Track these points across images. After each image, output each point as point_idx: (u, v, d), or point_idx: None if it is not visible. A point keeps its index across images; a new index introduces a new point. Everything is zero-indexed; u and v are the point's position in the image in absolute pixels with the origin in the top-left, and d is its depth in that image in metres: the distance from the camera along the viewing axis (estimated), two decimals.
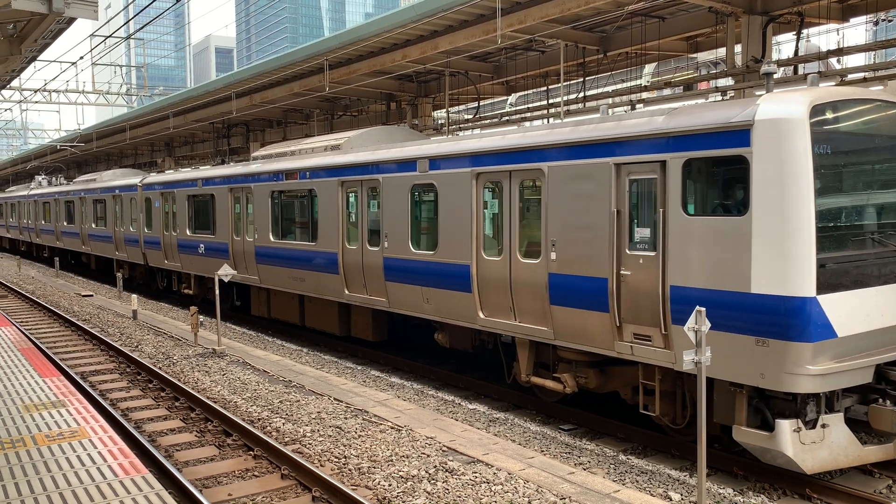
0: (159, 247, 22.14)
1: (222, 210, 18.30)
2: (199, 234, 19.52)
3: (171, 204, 21.43)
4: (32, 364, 10.75)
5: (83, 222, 29.91)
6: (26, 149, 61.54)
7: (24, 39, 14.04)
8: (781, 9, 12.85)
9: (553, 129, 9.99)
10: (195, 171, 20.50)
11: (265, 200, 16.51)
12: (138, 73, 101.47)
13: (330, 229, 14.34)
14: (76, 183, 32.39)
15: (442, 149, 11.73)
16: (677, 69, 21.20)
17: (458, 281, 11.22)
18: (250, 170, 17.17)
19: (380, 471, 8.03)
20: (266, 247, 16.45)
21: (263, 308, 17.63)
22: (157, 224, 22.28)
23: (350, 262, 13.82)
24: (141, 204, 23.61)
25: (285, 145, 17.27)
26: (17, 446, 7.06)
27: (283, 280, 15.96)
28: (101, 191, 27.66)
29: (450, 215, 11.43)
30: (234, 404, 10.93)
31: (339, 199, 14.12)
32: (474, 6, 13.95)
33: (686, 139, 8.08)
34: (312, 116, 27.09)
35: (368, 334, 14.27)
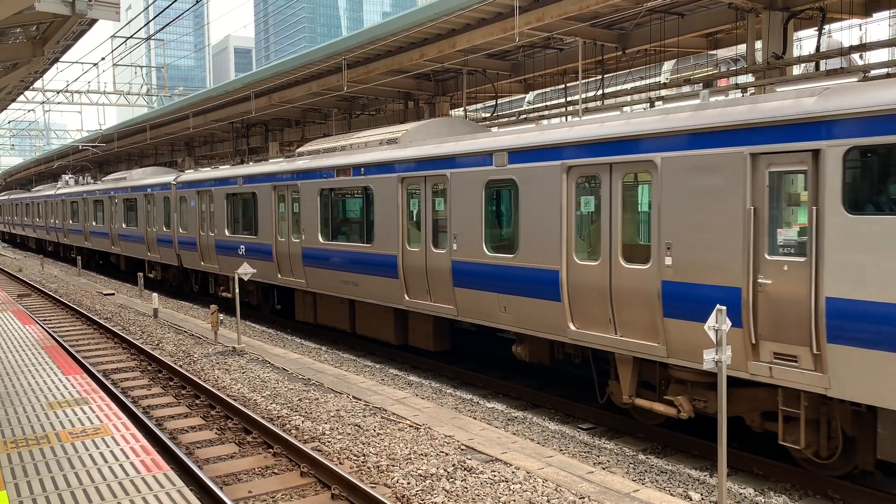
0: (195, 248, 21.18)
1: (265, 209, 17.29)
2: (240, 235, 18.57)
3: (207, 203, 20.50)
4: (56, 362, 10.89)
5: (113, 222, 29.06)
6: (49, 149, 62.29)
7: (46, 41, 14.22)
8: (803, 4, 12.71)
9: (666, 114, 8.91)
10: (235, 169, 19.40)
11: (314, 199, 15.47)
12: (158, 73, 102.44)
13: (388, 230, 13.33)
14: (105, 182, 31.55)
15: (524, 140, 10.57)
16: (697, 66, 21.03)
17: (544, 288, 10.07)
18: (297, 166, 16.10)
19: (398, 469, 8.05)
20: (314, 248, 15.42)
21: (309, 313, 16.61)
22: (192, 224, 21.32)
23: (411, 266, 12.80)
24: (175, 203, 22.62)
25: (333, 140, 16.24)
26: (41, 443, 7.16)
27: (332, 284, 14.98)
28: (131, 189, 26.72)
29: (533, 214, 10.27)
30: (253, 402, 11.01)
31: (399, 196, 13.06)
32: (492, 4, 13.93)
33: (849, 124, 6.88)
34: (330, 116, 27.20)
35: (429, 344, 13.20)
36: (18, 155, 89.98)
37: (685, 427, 9.57)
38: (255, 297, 19.20)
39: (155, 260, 24.87)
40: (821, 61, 13.55)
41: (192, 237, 21.44)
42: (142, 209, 25.53)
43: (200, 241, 20.93)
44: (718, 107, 8.24)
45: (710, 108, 8.32)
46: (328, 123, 27.92)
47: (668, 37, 14.96)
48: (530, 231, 10.34)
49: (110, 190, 29.41)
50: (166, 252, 23.60)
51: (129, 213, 27.30)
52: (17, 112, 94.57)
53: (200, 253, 20.93)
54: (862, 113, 6.77)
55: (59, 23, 13.18)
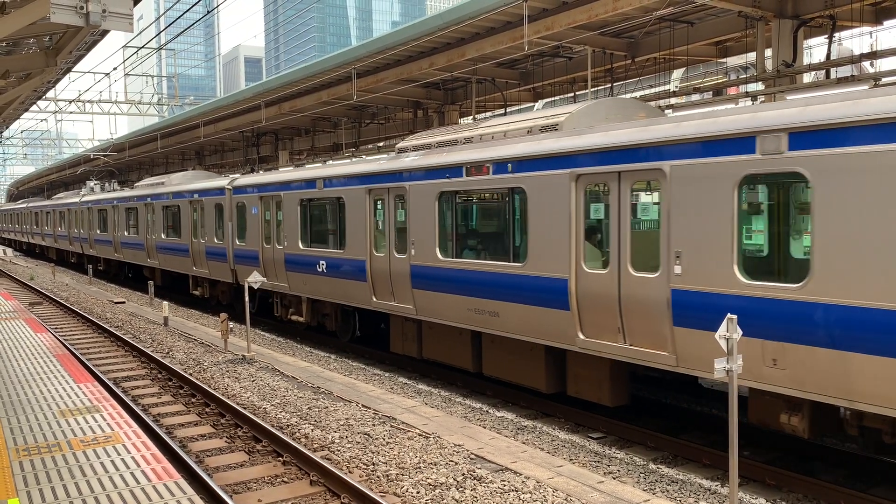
0: (256, 262, 18.25)
1: (356, 218, 14.27)
2: (319, 249, 15.58)
3: (274, 210, 17.48)
4: (67, 370, 10.94)
5: (149, 232, 25.92)
6: (61, 158, 62.71)
7: (59, 51, 14.38)
8: (813, 12, 12.70)
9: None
10: (313, 169, 16.61)
11: (429, 205, 12.32)
12: (169, 83, 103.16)
13: (551, 245, 10.08)
14: (139, 187, 28.63)
15: (824, 114, 7.10)
16: (706, 74, 21.01)
17: (855, 334, 6.83)
18: (403, 165, 13.04)
19: (408, 478, 8.04)
20: (431, 267, 12.36)
21: (411, 345, 13.66)
22: (253, 235, 18.33)
23: (592, 294, 9.53)
24: (230, 210, 19.58)
25: (449, 131, 13.18)
26: (53, 451, 7.19)
27: (453, 311, 11.95)
28: (173, 196, 23.58)
29: (846, 223, 6.92)
30: (263, 410, 11.03)
31: (572, 200, 9.75)
32: (501, 13, 14.00)
33: None
34: (340, 124, 27.31)
35: (602, 396, 10.03)
36: (31, 164, 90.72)
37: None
38: (332, 320, 16.35)
39: (202, 275, 21.76)
40: (831, 69, 13.52)
41: (252, 250, 18.47)
42: (186, 218, 22.45)
43: (264, 254, 17.89)
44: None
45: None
46: (338, 132, 28.03)
47: (677, 45, 14.97)
48: (838, 249, 6.98)
49: (146, 196, 26.22)
50: (217, 267, 20.59)
51: (170, 222, 24.24)
52: (29, 122, 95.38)
53: (264, 269, 17.97)
54: None
55: (72, 33, 13.33)
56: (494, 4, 13.64)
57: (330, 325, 16.48)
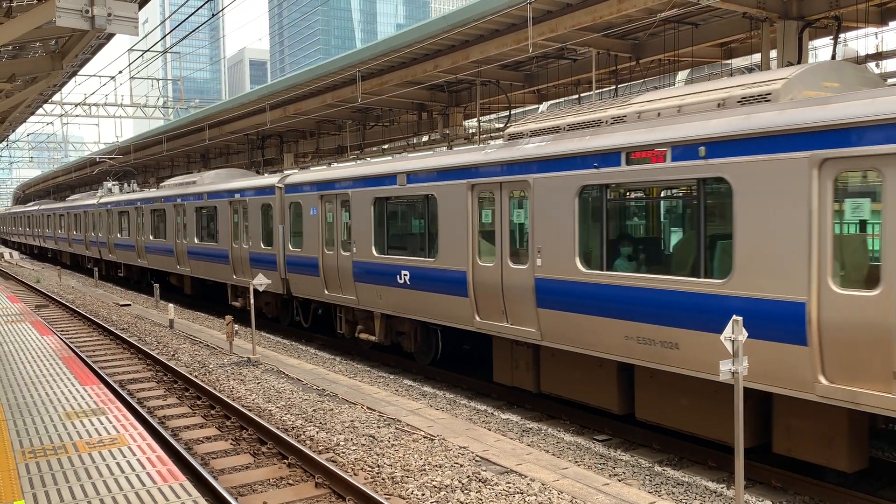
0: (315, 271, 15.90)
1: (453, 219, 11.98)
2: (401, 256, 13.32)
3: (339, 211, 15.18)
4: (73, 372, 10.97)
5: (180, 236, 23.54)
6: (67, 161, 62.96)
7: (65, 55, 14.44)
8: (818, 13, 12.67)
9: None
10: (391, 163, 14.17)
11: (565, 202, 9.83)
12: (175, 86, 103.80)
13: (775, 255, 7.51)
14: (166, 187, 26.05)
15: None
16: (711, 75, 20.98)
17: None
18: (525, 153, 10.55)
19: (413, 480, 8.04)
20: (567, 282, 9.83)
21: (524, 375, 11.26)
22: (311, 239, 16.08)
23: (846, 324, 6.96)
24: (282, 211, 17.32)
25: (581, 111, 10.45)
26: (59, 453, 7.21)
27: (597, 338, 9.49)
28: (208, 195, 21.14)
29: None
30: (268, 412, 11.04)
31: (813, 196, 7.18)
32: (505, 15, 13.99)
33: None
34: (345, 127, 27.35)
35: (834, 456, 7.62)
36: (37, 167, 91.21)
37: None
38: (410, 340, 13.99)
39: (245, 284, 19.11)
40: None
41: (309, 257, 16.12)
42: (225, 220, 20.09)
43: (325, 262, 15.62)
44: None
45: None
46: (342, 135, 28.08)
47: (681, 46, 14.96)
48: None
49: (175, 197, 23.78)
50: (265, 276, 17.87)
51: (204, 225, 21.85)
52: (35, 125, 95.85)
53: (324, 279, 15.53)
54: None
55: (78, 37, 13.38)
56: (499, 7, 13.65)
57: (407, 346, 14.11)
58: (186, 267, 23.24)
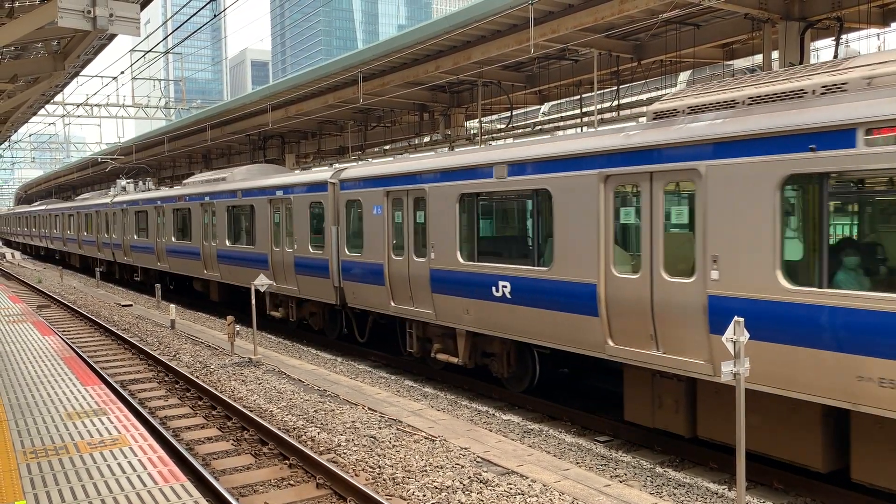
0: (380, 279, 13.82)
1: (576, 219, 9.68)
2: (497, 264, 11.12)
3: (411, 209, 13.11)
4: (74, 372, 10.98)
5: (207, 238, 21.59)
6: (69, 161, 62.99)
7: (67, 55, 14.46)
8: (819, 14, 12.67)
9: None
10: (485, 152, 11.72)
11: (759, 198, 7.63)
12: (176, 86, 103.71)
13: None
14: (191, 184, 24.06)
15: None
16: (713, 76, 20.98)
17: None
18: (692, 135, 8.28)
19: (414, 481, 8.03)
20: (761, 301, 7.62)
21: (669, 415, 9.11)
22: (374, 243, 14.03)
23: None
24: (335, 210, 15.34)
25: (791, 77, 7.98)
26: (60, 453, 7.21)
27: (826, 379, 7.12)
28: (243, 193, 19.25)
29: None
30: (269, 413, 11.04)
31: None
32: (507, 16, 14.00)
33: None
34: (346, 128, 27.37)
35: None
36: (39, 168, 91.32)
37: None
38: (502, 363, 11.81)
39: (288, 293, 17.25)
40: None
41: (372, 263, 14.10)
42: (264, 221, 18.18)
43: (392, 269, 13.54)
44: None
45: None
46: (344, 135, 28.09)
47: (683, 47, 14.96)
48: None
49: (203, 195, 21.80)
50: (313, 284, 16.14)
51: (237, 226, 19.95)
52: (37, 125, 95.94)
53: (391, 288, 13.58)
54: None
55: (80, 38, 13.40)
56: (500, 7, 13.66)
57: (497, 369, 11.92)
58: (215, 272, 21.17)
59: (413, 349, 13.68)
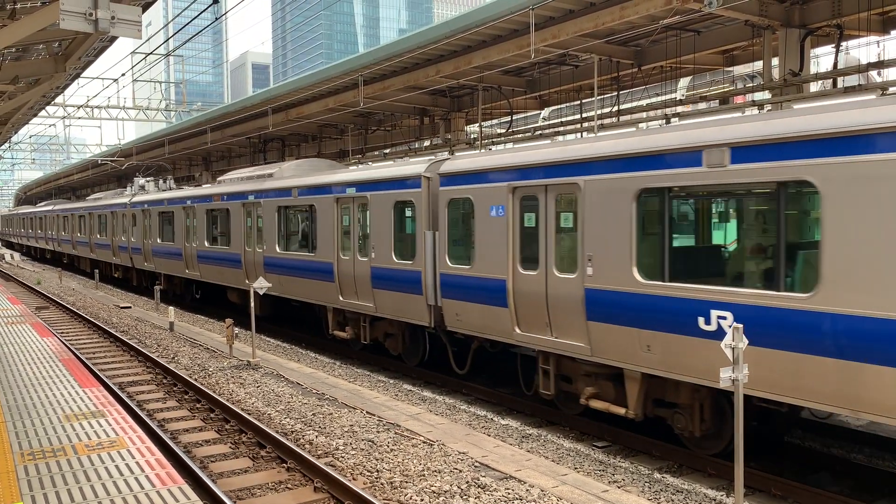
0: (500, 299, 11.12)
1: (860, 225, 6.99)
2: (701, 286, 8.33)
3: (551, 210, 10.30)
4: (73, 374, 10.97)
5: (252, 243, 18.97)
6: (69, 163, 62.99)
7: (68, 57, 14.48)
8: (820, 21, 12.70)
9: None
10: (683, 131, 8.72)
11: None
12: (177, 88, 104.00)
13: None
14: (226, 182, 21.41)
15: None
16: (713, 82, 21.01)
17: None
18: None
19: (412, 485, 8.02)
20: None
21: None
22: (491, 252, 11.34)
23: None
24: (432, 212, 12.91)
25: None
26: (57, 455, 7.20)
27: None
28: (300, 192, 16.75)
29: None
30: (267, 416, 11.03)
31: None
32: (508, 21, 14.03)
33: None
34: (347, 131, 27.39)
35: None
36: (39, 169, 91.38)
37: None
38: (691, 417, 8.99)
39: (361, 310, 14.65)
40: (838, 78, 13.50)
41: (487, 278, 11.41)
42: (327, 223, 15.62)
43: (519, 286, 10.83)
44: None
45: None
46: (344, 139, 28.12)
47: (683, 53, 14.98)
48: None
49: (246, 194, 19.25)
50: (395, 301, 13.62)
51: (292, 228, 17.61)
52: (38, 127, 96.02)
53: (515, 311, 10.88)
54: None
55: (81, 39, 13.42)
56: (501, 13, 13.69)
57: (682, 424, 9.07)
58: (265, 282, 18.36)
59: (547, 390, 10.77)
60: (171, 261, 24.55)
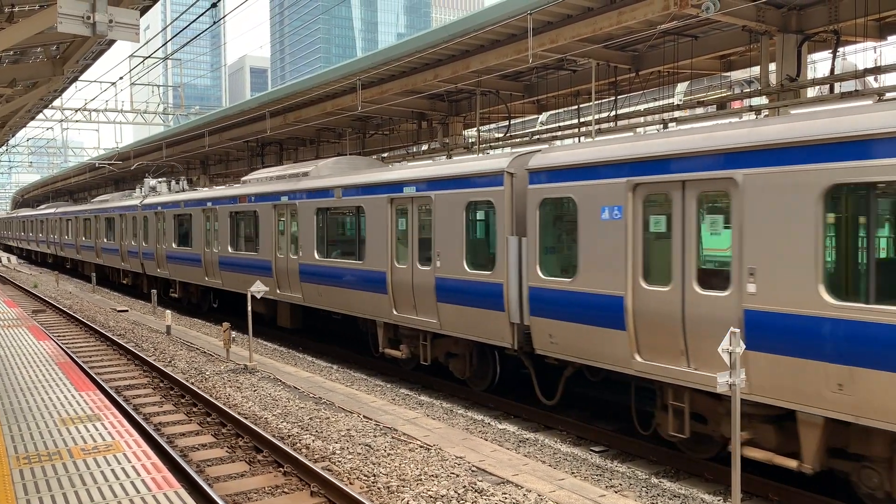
0: (614, 319, 9.27)
1: None
2: None
3: (692, 213, 8.41)
4: (69, 378, 10.94)
5: (283, 249, 17.11)
6: (66, 166, 62.87)
7: (66, 60, 14.47)
8: (817, 27, 12.74)
9: None
10: None
11: None
12: (175, 92, 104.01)
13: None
14: (255, 183, 19.19)
15: None
16: (710, 88, 21.06)
17: None
18: None
19: (409, 490, 8.01)
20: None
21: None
22: (598, 262, 9.50)
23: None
24: (516, 214, 11.06)
25: None
26: (53, 459, 7.17)
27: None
28: (343, 192, 14.90)
29: None
30: (264, 420, 11.00)
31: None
32: (505, 26, 14.05)
33: None
34: (344, 135, 27.40)
35: None
36: (36, 172, 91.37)
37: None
38: (894, 477, 7.16)
39: (422, 326, 12.85)
40: (835, 84, 13.53)
41: (596, 293, 9.52)
42: (378, 227, 13.81)
43: (643, 305, 8.91)
44: None
45: None
46: (342, 143, 28.13)
47: (681, 59, 15.02)
48: None
49: (277, 195, 17.36)
50: (467, 317, 11.78)
51: (332, 234, 15.80)
52: (35, 130, 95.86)
53: (635, 335, 9.01)
54: None
55: (79, 43, 13.41)
56: (499, 17, 13.71)
57: (880, 483, 7.28)
58: (297, 293, 16.75)
59: (679, 432, 8.90)
60: (187, 267, 22.54)
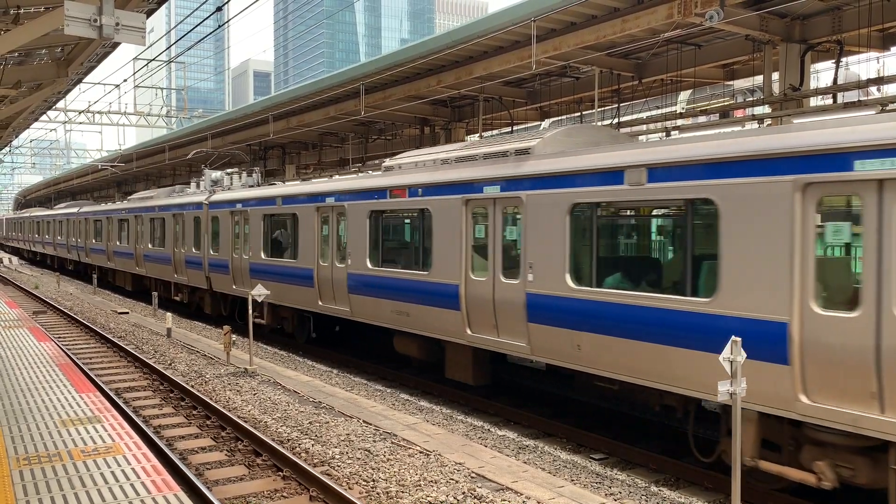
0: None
1: None
2: None
3: None
4: (70, 379, 10.94)
5: (509, 266, 10.82)
6: (69, 168, 62.95)
7: (70, 62, 14.52)
8: (820, 37, 12.76)
9: None
10: None
11: None
12: (178, 95, 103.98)
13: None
14: (410, 170, 13.26)
15: None
16: (713, 96, 21.09)
17: None
18: None
19: (408, 495, 7.99)
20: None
21: None
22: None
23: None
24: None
25: None
26: (53, 460, 7.17)
27: None
28: (597, 177, 9.29)
29: None
30: (264, 424, 11.00)
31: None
32: (509, 33, 14.08)
33: None
34: (347, 140, 27.44)
35: None
36: (38, 173, 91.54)
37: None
38: None
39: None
40: (838, 93, 13.55)
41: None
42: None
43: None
44: None
45: None
46: (345, 147, 28.17)
47: (684, 67, 15.04)
48: None
49: (480, 184, 11.19)
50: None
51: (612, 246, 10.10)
52: (38, 131, 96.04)
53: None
54: None
55: (84, 45, 13.46)
56: (503, 24, 13.74)
57: None
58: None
59: None
60: (286, 286, 16.90)
